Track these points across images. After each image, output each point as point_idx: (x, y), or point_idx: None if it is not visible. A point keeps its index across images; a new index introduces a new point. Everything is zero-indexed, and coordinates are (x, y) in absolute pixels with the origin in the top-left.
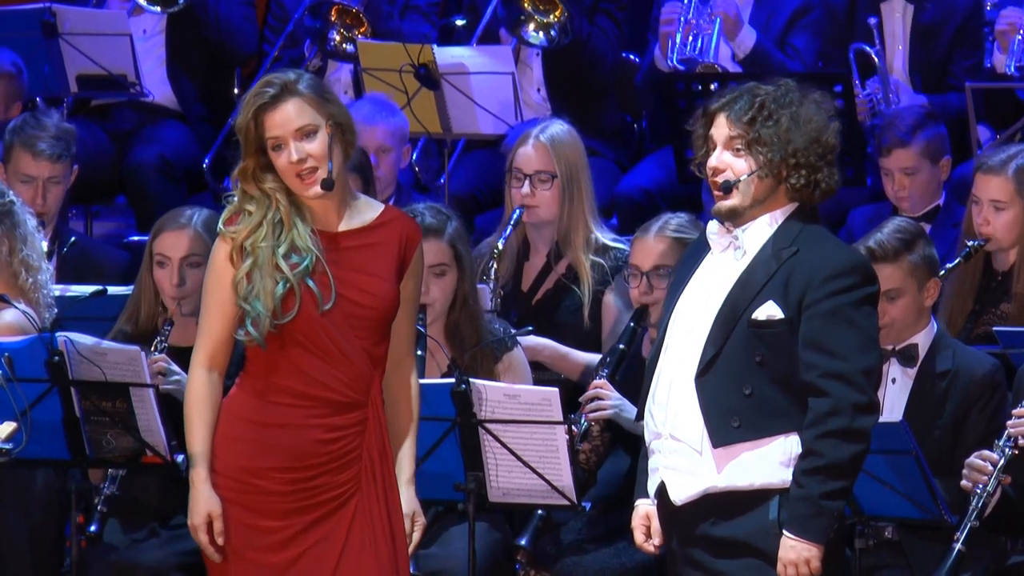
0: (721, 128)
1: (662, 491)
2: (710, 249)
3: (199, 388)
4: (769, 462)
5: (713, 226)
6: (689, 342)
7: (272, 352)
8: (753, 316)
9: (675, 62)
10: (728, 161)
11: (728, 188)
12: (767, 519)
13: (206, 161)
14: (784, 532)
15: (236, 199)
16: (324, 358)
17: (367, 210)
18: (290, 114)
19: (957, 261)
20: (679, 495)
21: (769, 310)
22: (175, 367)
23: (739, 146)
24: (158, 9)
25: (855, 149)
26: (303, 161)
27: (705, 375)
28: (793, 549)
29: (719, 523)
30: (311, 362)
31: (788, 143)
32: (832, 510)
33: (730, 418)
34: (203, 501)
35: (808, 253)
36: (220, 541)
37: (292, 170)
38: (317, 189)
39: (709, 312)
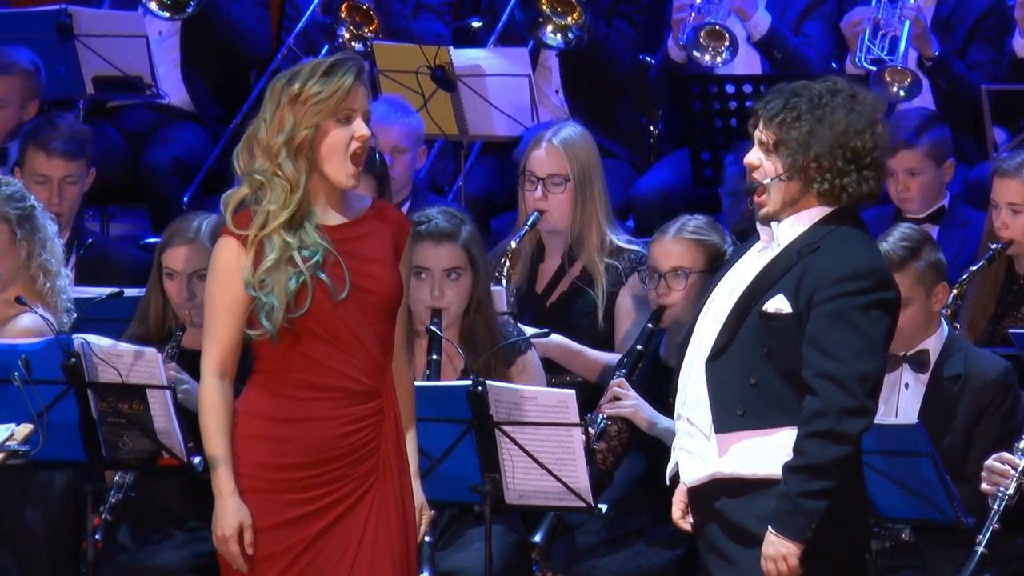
0: (758, 128)
1: (678, 471)
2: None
3: (215, 396)
4: (773, 453)
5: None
6: (710, 328)
7: (286, 347)
8: (763, 308)
9: (687, 38)
10: (759, 161)
11: (753, 189)
12: (769, 510)
13: (209, 161)
14: (768, 526)
15: (262, 175)
16: (340, 347)
17: (357, 202)
18: (366, 94)
19: (980, 264)
20: (689, 477)
21: (778, 303)
22: (185, 375)
23: (768, 148)
24: (167, 16)
25: None
26: (368, 138)
27: (715, 360)
28: (772, 544)
29: (729, 505)
30: (327, 352)
31: (809, 147)
32: (810, 510)
33: (735, 406)
34: (233, 511)
35: (827, 252)
36: (250, 551)
37: (350, 146)
38: (354, 180)
39: (731, 301)
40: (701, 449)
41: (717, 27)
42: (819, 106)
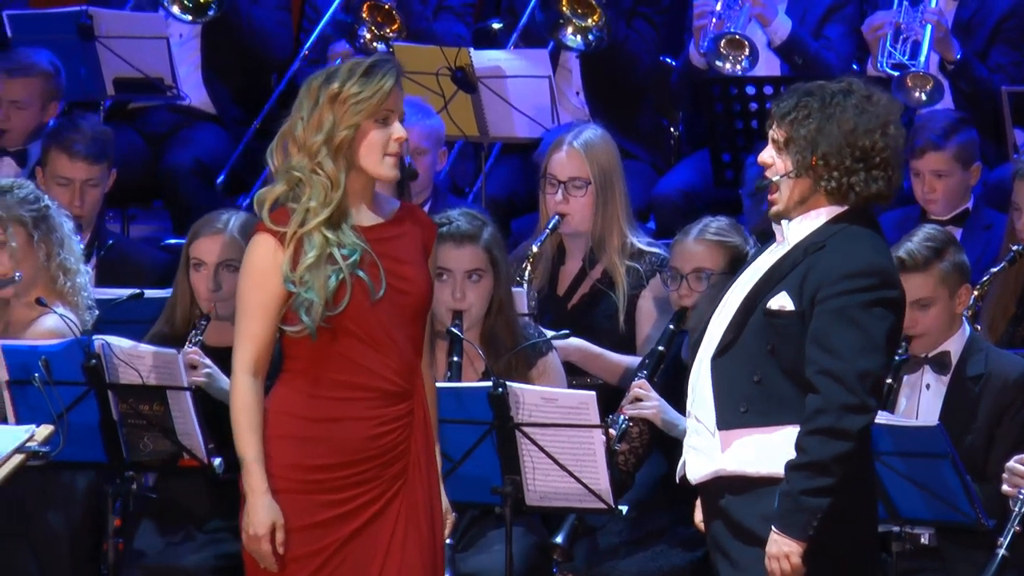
0: (772, 126)
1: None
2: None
3: (247, 394)
4: (776, 451)
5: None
6: (719, 326)
7: (320, 345)
8: (767, 306)
9: (706, 47)
10: (772, 160)
11: (763, 187)
12: (771, 509)
13: (233, 157)
14: (772, 525)
15: (301, 172)
16: (375, 347)
17: (387, 204)
18: (401, 95)
19: (1002, 266)
20: (694, 474)
21: (781, 301)
22: (207, 360)
23: (780, 146)
24: (189, 19)
25: None
26: (405, 139)
27: (720, 357)
28: (775, 543)
29: (733, 503)
30: (363, 352)
31: (817, 144)
32: (812, 507)
33: (739, 403)
34: (266, 510)
35: (832, 250)
36: (281, 551)
37: (388, 146)
38: (395, 172)
39: (740, 299)
40: (706, 446)
41: (737, 36)
42: (830, 105)
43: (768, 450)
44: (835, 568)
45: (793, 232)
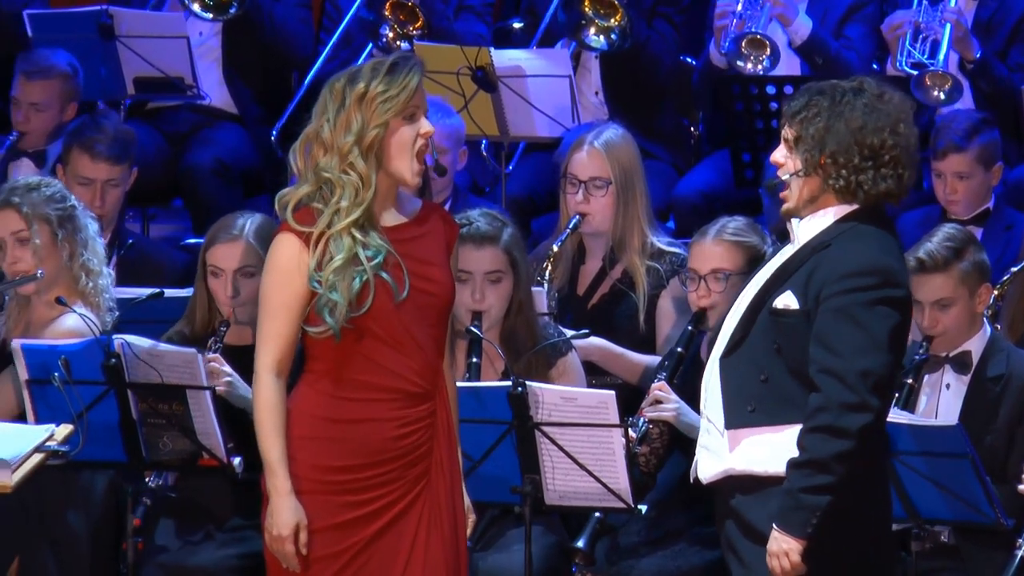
0: (783, 125)
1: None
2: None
3: (272, 395)
4: (784, 450)
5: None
6: (730, 325)
7: (343, 346)
8: (773, 304)
9: (728, 48)
10: (784, 159)
11: (774, 185)
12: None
13: (274, 133)
14: (773, 523)
15: (330, 173)
16: (399, 349)
17: (409, 203)
18: (424, 91)
19: (1022, 265)
20: (704, 474)
21: (786, 299)
22: (227, 368)
23: (791, 145)
24: (210, 17)
25: None
26: (431, 134)
27: (729, 357)
28: (775, 541)
29: (743, 503)
30: (386, 353)
31: (825, 143)
32: (812, 505)
33: (746, 402)
34: (290, 511)
35: (837, 249)
36: (304, 552)
37: (417, 143)
38: (419, 179)
39: (751, 298)
40: (716, 446)
41: (758, 36)
42: (839, 103)
43: (776, 449)
44: (838, 567)
45: (803, 231)
